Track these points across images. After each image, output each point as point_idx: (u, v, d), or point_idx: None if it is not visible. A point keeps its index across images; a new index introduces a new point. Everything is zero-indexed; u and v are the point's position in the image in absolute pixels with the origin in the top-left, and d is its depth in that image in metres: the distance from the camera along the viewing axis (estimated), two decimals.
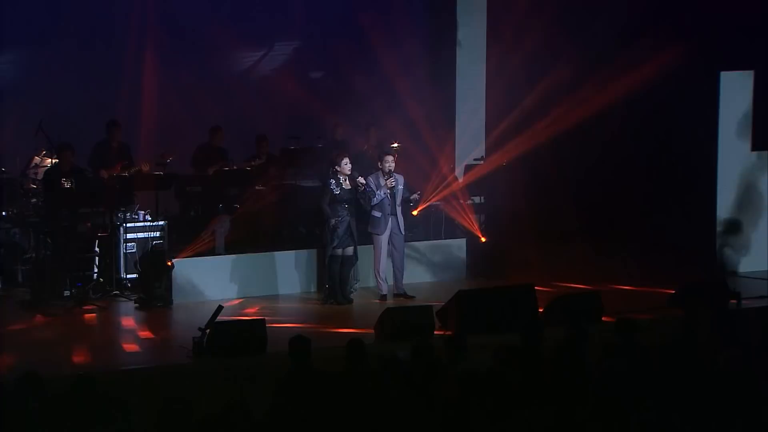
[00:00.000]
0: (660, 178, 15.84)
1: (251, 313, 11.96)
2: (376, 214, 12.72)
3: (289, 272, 13.19)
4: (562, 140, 15.63)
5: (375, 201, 12.61)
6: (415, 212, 13.50)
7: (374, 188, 12.59)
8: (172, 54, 15.28)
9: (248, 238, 13.37)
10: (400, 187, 12.78)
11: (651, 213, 15.65)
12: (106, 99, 14.60)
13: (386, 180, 12.61)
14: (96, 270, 12.82)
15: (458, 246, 14.26)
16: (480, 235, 14.27)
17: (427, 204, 13.70)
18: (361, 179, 12.43)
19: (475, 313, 11.02)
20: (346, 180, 12.45)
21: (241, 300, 12.72)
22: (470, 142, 16.40)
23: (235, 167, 14.25)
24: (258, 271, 13.05)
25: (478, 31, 16.40)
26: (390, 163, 12.67)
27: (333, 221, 12.28)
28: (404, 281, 13.00)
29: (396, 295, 12.86)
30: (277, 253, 13.18)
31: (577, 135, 15.54)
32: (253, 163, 14.35)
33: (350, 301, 12.58)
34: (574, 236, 15.56)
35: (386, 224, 12.71)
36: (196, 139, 14.54)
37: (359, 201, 12.48)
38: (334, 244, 12.40)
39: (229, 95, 15.75)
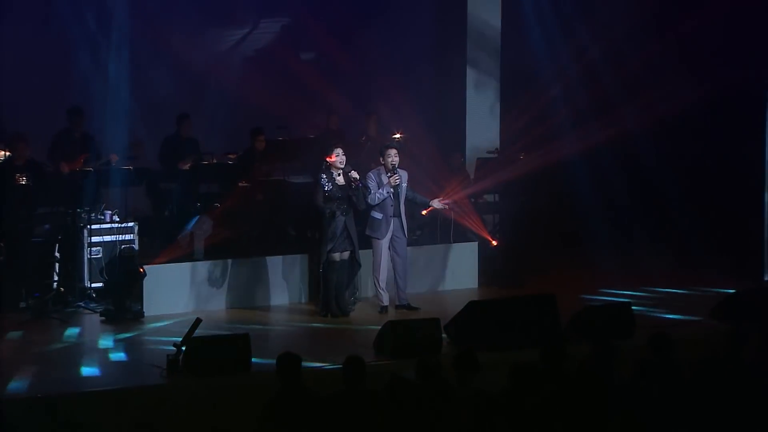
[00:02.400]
0: (701, 179, 16.00)
1: (234, 326, 11.94)
2: (377, 215, 12.72)
3: (277, 280, 13.21)
4: (592, 133, 15.77)
5: (375, 200, 12.61)
6: (425, 212, 13.46)
7: (374, 186, 12.59)
8: (141, 32, 15.28)
9: (230, 242, 13.38)
10: (404, 184, 12.79)
11: (691, 217, 15.74)
12: (66, 83, 14.60)
13: (390, 177, 12.61)
14: (56, 278, 12.83)
15: (469, 250, 14.28)
16: (490, 239, 14.32)
17: (446, 201, 13.47)
18: (354, 173, 12.41)
19: (489, 327, 11.05)
20: (339, 175, 12.45)
21: (222, 312, 12.73)
22: (483, 132, 16.42)
23: (214, 161, 14.27)
24: (241, 279, 13.07)
25: (492, 5, 16.45)
26: (393, 157, 12.68)
27: (328, 209, 12.24)
28: (408, 291, 13.01)
29: (398, 307, 12.88)
30: (263, 259, 13.20)
31: (610, 129, 15.72)
32: (232, 156, 14.34)
33: (347, 314, 12.59)
34: (602, 240, 15.60)
35: (388, 227, 12.72)
36: (170, 128, 14.55)
37: (352, 198, 12.43)
38: (329, 248, 12.40)
39: (208, 80, 15.79)
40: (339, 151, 12.47)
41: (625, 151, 16.24)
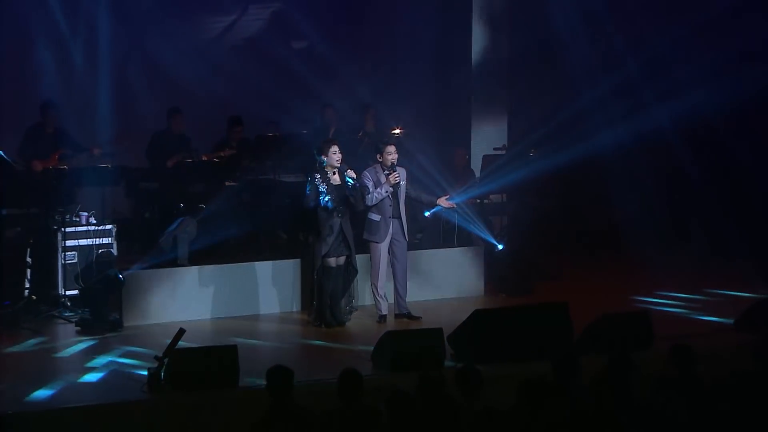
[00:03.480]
0: (724, 180, 16.06)
1: (220, 337, 11.94)
2: (374, 217, 12.71)
3: (267, 287, 13.20)
4: (618, 126, 15.85)
5: (373, 201, 12.60)
6: (429, 213, 13.45)
7: (371, 186, 12.57)
8: (122, 19, 15.28)
9: (216, 246, 13.38)
10: (403, 182, 12.78)
11: (712, 218, 15.78)
12: (38, 75, 14.58)
13: (388, 176, 12.60)
14: (28, 285, 12.82)
15: (475, 255, 14.27)
16: (495, 242, 14.32)
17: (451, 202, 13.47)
18: (350, 172, 12.41)
19: (496, 338, 11.03)
20: (335, 174, 12.43)
21: (207, 322, 12.73)
22: (490, 127, 16.42)
23: (205, 158, 14.27)
24: (228, 286, 13.05)
25: None
26: (392, 155, 12.67)
27: (325, 199, 12.22)
28: (408, 299, 13.00)
29: (398, 316, 12.87)
30: (252, 264, 13.20)
31: (639, 123, 15.81)
32: (222, 154, 14.35)
33: (342, 324, 12.58)
34: (619, 244, 15.61)
35: (386, 229, 12.71)
36: (151, 123, 14.54)
37: (348, 199, 12.43)
38: (324, 252, 12.39)
39: (193, 71, 15.77)
40: (335, 148, 12.45)
41: (657, 147, 16.22)
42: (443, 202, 13.08)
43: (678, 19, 15.91)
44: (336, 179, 12.39)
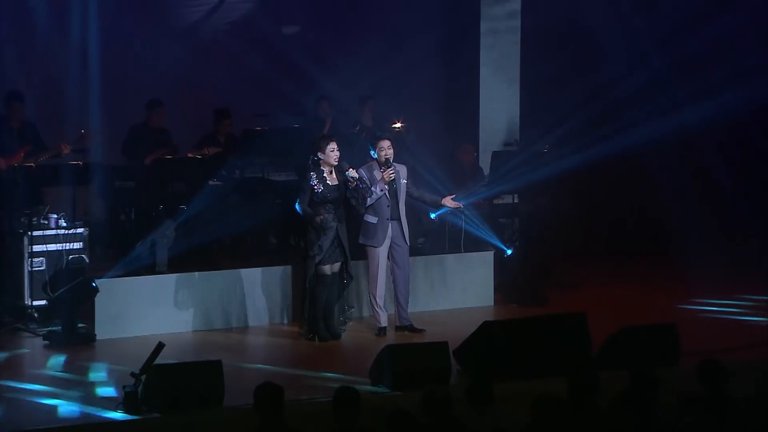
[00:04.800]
0: (758, 180, 16.15)
1: (203, 352, 11.92)
2: (371, 219, 12.71)
3: (254, 297, 13.20)
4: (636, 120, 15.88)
5: (367, 201, 12.60)
6: (435, 216, 13.42)
7: (368, 184, 12.57)
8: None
9: (199, 251, 13.39)
10: (403, 180, 12.77)
11: (745, 223, 15.84)
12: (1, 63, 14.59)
13: (383, 172, 12.60)
14: None
15: (483, 261, 14.28)
16: (504, 247, 14.28)
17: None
18: (352, 171, 12.41)
19: (507, 353, 11.04)
20: (332, 172, 12.43)
21: (189, 335, 12.74)
22: (500, 121, 16.43)
23: (189, 155, 14.29)
24: (212, 295, 13.05)
25: None
26: (387, 150, 12.68)
27: (319, 218, 12.24)
28: (410, 309, 13.00)
29: (399, 328, 12.88)
30: (238, 272, 13.20)
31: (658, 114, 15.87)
32: (206, 151, 14.35)
33: (337, 337, 12.58)
34: (646, 248, 15.62)
35: (384, 232, 12.70)
36: (128, 116, 14.54)
37: (349, 201, 12.43)
38: (318, 259, 12.39)
39: (173, 59, 15.80)
40: (333, 144, 12.45)
41: (695, 143, 16.28)
42: (449, 201, 13.04)
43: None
44: (333, 179, 12.39)
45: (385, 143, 12.73)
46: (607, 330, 11.63)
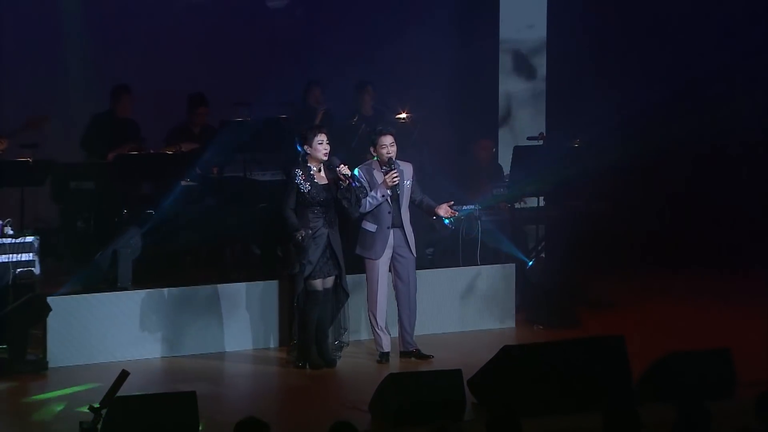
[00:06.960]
0: None
1: (174, 382, 11.94)
2: (369, 227, 12.69)
3: (235, 317, 13.21)
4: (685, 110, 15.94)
5: (366, 207, 12.56)
6: (446, 218, 13.37)
7: (366, 187, 12.55)
8: None
9: (169, 264, 13.38)
10: (408, 182, 12.75)
11: None
12: None
13: (385, 174, 12.57)
14: None
15: (503, 276, 14.29)
16: (524, 258, 14.30)
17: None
18: (343, 168, 12.35)
19: (530, 382, 10.99)
20: (321, 170, 12.41)
21: (157, 361, 12.75)
22: (522, 112, 16.46)
23: (151, 151, 14.33)
24: (185, 315, 13.05)
25: None
26: (389, 147, 12.65)
27: (300, 234, 12.22)
28: (417, 332, 12.99)
29: (404, 354, 12.89)
30: (215, 288, 13.20)
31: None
32: (178, 146, 14.36)
33: (332, 364, 12.57)
34: (690, 262, 15.63)
35: (384, 242, 12.69)
36: (89, 104, 14.55)
37: (341, 203, 12.39)
38: (307, 274, 12.36)
39: (143, 40, 15.88)
40: (321, 137, 12.42)
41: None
42: (443, 210, 12.93)
43: None
44: (322, 177, 12.35)
45: (388, 139, 12.68)
46: (650, 356, 11.60)
